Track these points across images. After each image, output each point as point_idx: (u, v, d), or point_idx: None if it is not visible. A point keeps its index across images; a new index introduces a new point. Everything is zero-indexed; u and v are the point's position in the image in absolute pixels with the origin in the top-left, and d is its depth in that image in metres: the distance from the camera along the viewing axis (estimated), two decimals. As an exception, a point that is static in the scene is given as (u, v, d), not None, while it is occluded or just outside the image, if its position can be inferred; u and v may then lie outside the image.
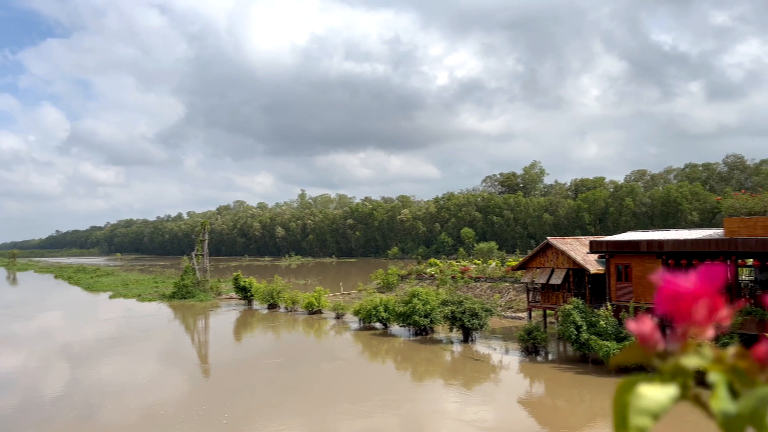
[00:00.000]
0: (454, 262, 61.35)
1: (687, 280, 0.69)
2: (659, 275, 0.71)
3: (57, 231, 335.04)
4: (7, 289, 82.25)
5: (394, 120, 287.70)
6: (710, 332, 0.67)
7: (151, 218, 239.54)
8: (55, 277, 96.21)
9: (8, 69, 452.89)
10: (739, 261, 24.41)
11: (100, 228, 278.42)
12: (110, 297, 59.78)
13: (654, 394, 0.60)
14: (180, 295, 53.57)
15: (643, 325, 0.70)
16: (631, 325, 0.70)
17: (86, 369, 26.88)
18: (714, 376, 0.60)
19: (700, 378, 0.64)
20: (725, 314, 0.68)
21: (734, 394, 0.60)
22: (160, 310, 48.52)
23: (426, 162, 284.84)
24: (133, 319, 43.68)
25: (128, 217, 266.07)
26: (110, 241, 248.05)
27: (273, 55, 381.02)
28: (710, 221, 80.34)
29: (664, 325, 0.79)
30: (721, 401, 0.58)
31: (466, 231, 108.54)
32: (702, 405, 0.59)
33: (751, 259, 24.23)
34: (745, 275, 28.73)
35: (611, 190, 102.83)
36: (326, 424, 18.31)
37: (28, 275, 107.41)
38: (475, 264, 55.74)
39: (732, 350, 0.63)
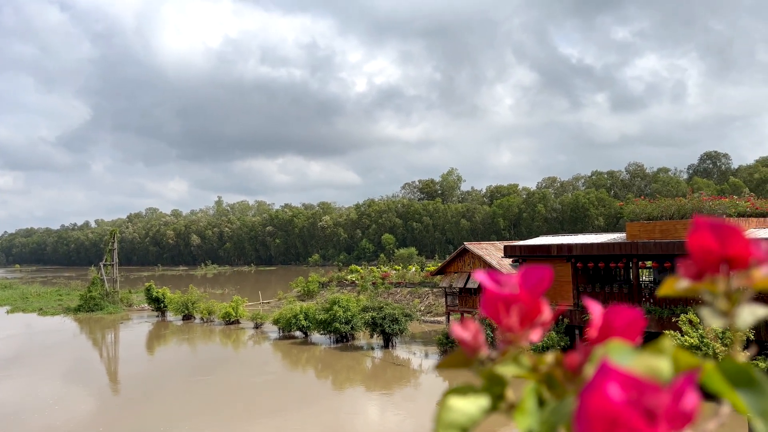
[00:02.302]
0: (374, 268, 61.68)
1: (508, 283, 0.64)
2: (481, 276, 0.66)
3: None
4: None
5: (313, 126, 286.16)
6: (532, 337, 0.63)
7: (55, 227, 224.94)
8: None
9: None
10: (640, 263, 26.05)
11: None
12: (8, 312, 55.51)
13: (463, 406, 0.55)
14: (87, 307, 50.58)
15: (465, 329, 0.64)
16: (454, 329, 0.65)
17: (-22, 391, 24.76)
18: (527, 386, 0.57)
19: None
20: (546, 319, 0.64)
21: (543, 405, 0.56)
22: (65, 324, 45.60)
23: (346, 168, 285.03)
24: (33, 335, 40.79)
25: (28, 226, 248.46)
26: (8, 252, 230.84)
27: (185, 57, 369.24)
28: (614, 226, 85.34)
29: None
30: (526, 415, 0.54)
31: (387, 237, 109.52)
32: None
33: (650, 261, 25.91)
34: (645, 276, 30.68)
35: (524, 196, 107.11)
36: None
37: None
38: (395, 270, 56.29)
39: (550, 357, 0.60)
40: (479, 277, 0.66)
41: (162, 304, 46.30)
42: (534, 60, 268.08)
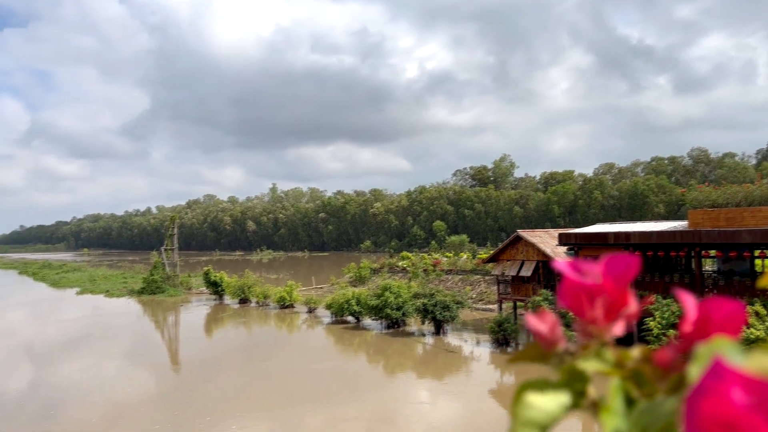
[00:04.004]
0: (426, 255, 61.63)
1: (592, 272, 0.60)
2: (561, 264, 0.62)
3: (21, 226, 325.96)
4: (-31, 286, 79.86)
5: (363, 113, 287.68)
6: (616, 330, 0.59)
7: (119, 212, 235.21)
8: (20, 273, 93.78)
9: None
10: (703, 252, 25.05)
11: (66, 223, 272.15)
12: (77, 293, 58.54)
13: (543, 403, 0.52)
14: (149, 290, 52.74)
15: (542, 321, 0.61)
16: (530, 321, 0.62)
17: (51, 367, 26.28)
18: (612, 383, 0.52)
19: None
20: (632, 311, 0.60)
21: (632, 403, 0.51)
22: (129, 306, 47.71)
23: (397, 155, 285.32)
24: (100, 315, 42.86)
25: (95, 212, 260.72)
26: (77, 236, 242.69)
27: (238, 46, 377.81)
28: (675, 213, 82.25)
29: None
30: (613, 415, 0.49)
31: (438, 224, 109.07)
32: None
33: (714, 250, 24.88)
34: (708, 266, 29.49)
35: (580, 183, 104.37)
36: (306, 426, 18.23)
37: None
38: (446, 257, 56.07)
39: (636, 353, 0.56)
40: (559, 265, 0.62)
41: (220, 288, 47.75)
42: (590, 42, 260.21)
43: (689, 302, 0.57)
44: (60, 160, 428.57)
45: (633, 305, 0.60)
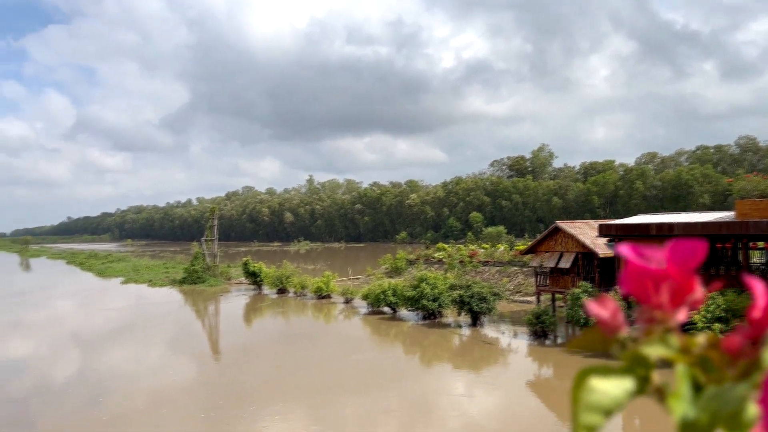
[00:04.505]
0: (462, 246, 61.29)
1: (656, 257, 0.59)
2: (624, 249, 0.61)
3: (68, 217, 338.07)
4: (21, 275, 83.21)
5: (399, 103, 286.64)
6: (680, 317, 0.59)
7: (161, 204, 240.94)
8: (67, 263, 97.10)
9: (12, 56, 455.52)
10: (751, 244, 24.22)
11: (111, 214, 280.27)
12: (122, 283, 60.33)
13: (607, 388, 0.51)
14: (190, 280, 53.96)
15: (604, 307, 0.61)
16: (591, 307, 0.61)
17: (97, 354, 27.20)
18: (679, 369, 0.52)
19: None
20: (698, 297, 0.59)
21: (699, 389, 0.51)
22: (171, 295, 48.93)
23: (433, 146, 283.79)
24: (144, 304, 44.08)
25: (138, 204, 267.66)
26: (121, 227, 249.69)
27: (274, 39, 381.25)
28: (722, 204, 79.63)
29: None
30: (681, 400, 0.49)
31: (475, 215, 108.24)
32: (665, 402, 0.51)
33: (763, 242, 24.04)
34: (756, 258, 28.51)
35: (621, 173, 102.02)
36: (346, 416, 18.43)
37: (41, 261, 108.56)
38: (483, 248, 55.65)
39: (702, 339, 0.56)
40: (622, 249, 0.62)
41: (258, 278, 48.52)
42: (632, 27, 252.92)
43: (759, 289, 0.57)
44: (104, 153, 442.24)
45: (699, 291, 0.59)
